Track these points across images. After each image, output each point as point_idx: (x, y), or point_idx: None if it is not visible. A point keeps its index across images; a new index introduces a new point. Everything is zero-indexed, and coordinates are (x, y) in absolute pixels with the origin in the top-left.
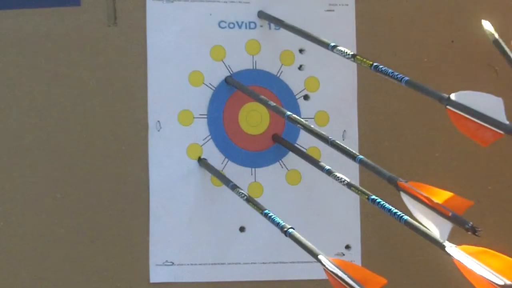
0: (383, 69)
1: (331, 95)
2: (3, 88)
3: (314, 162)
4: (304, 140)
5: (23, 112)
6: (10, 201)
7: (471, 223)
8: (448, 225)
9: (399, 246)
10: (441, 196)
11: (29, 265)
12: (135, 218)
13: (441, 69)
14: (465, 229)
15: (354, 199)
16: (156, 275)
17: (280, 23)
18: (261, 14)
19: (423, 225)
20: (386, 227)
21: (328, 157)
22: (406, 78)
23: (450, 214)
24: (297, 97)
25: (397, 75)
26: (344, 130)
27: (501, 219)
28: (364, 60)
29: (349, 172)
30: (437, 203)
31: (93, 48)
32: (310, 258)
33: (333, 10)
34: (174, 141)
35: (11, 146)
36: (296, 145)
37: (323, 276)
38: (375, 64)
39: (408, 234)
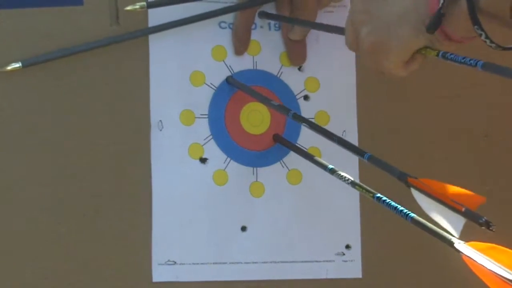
0: (451, 56)
1: (331, 95)
2: (4, 88)
3: (316, 162)
4: (305, 140)
5: (23, 112)
6: (10, 201)
7: (485, 218)
8: (461, 221)
9: (400, 246)
10: (453, 191)
11: (30, 264)
12: (137, 218)
13: (441, 68)
14: (478, 224)
15: (354, 198)
16: (159, 274)
17: (282, 19)
18: (262, 14)
19: (431, 222)
20: (387, 226)
21: (328, 157)
22: (482, 62)
23: (463, 209)
24: (297, 97)
25: (470, 60)
26: (344, 130)
27: (499, 219)
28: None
29: (348, 171)
30: (450, 199)
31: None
32: (311, 257)
33: (332, 11)
34: (176, 141)
35: (11, 146)
36: (297, 144)
37: (324, 276)
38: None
39: (409, 233)
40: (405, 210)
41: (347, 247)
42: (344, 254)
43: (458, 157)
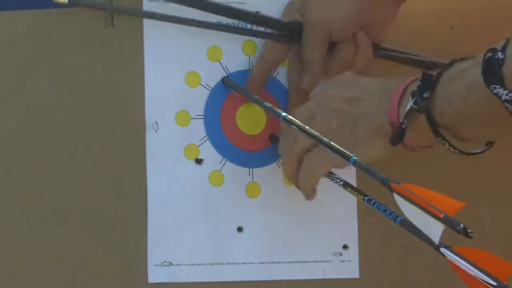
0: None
1: None
2: (1, 89)
3: None
4: None
5: (20, 113)
6: (9, 201)
7: (462, 225)
8: (440, 227)
9: (397, 246)
10: (433, 198)
11: (27, 266)
12: (133, 219)
13: None
14: (456, 231)
15: (351, 198)
16: (155, 275)
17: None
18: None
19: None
20: (384, 227)
21: None
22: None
23: (442, 215)
24: None
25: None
26: None
27: (497, 219)
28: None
29: (346, 171)
30: (429, 205)
31: (90, 49)
32: (309, 258)
33: None
34: (171, 142)
35: (8, 147)
36: None
37: (321, 276)
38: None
39: (406, 234)
40: (394, 213)
41: (345, 247)
42: (341, 254)
43: (456, 156)
